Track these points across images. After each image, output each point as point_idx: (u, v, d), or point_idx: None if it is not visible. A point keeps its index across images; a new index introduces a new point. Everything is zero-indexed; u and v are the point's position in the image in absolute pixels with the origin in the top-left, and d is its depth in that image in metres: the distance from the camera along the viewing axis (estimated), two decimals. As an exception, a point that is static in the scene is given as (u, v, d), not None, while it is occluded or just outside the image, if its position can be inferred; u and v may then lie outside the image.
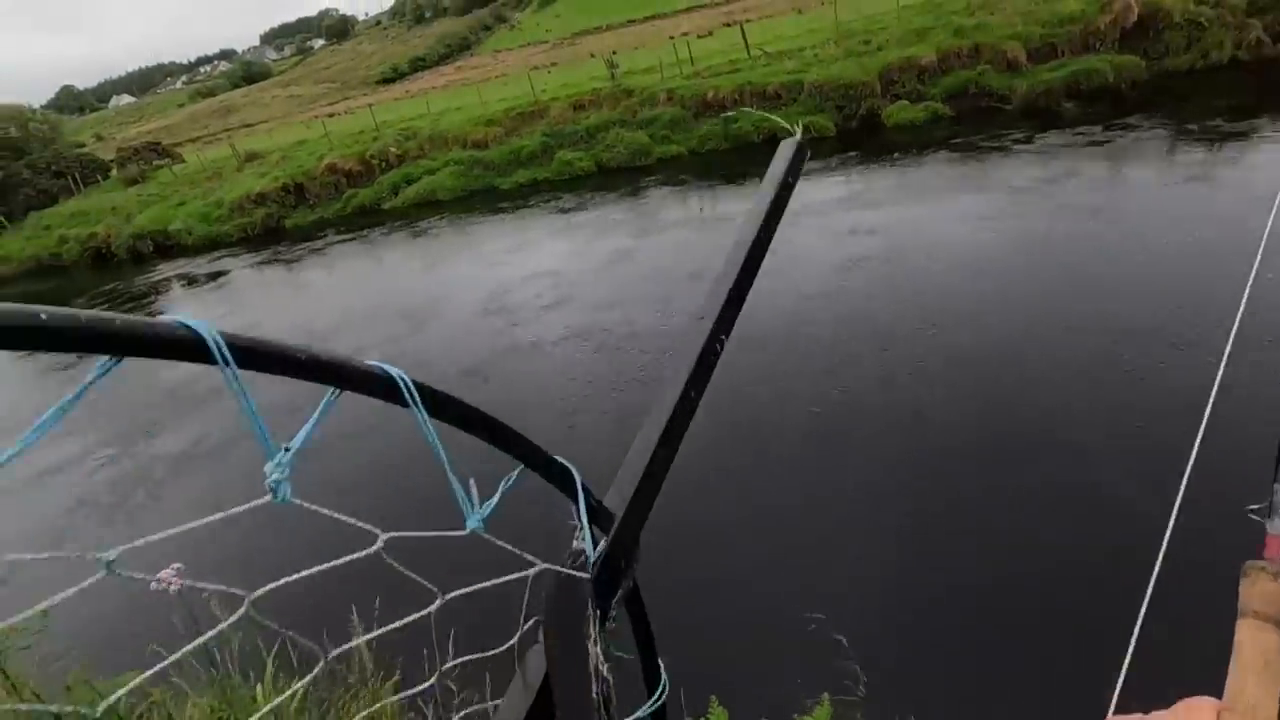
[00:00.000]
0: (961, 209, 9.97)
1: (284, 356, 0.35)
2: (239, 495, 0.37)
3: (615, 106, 19.50)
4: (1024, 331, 6.31)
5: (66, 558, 0.33)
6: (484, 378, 7.87)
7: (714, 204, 13.39)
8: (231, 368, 0.33)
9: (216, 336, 0.32)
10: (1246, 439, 2.40)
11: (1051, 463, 4.63)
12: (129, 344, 0.30)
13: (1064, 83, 14.71)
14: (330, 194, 21.29)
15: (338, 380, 0.39)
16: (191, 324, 0.32)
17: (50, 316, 0.27)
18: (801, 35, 22.04)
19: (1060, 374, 5.55)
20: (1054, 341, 6.02)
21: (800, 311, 7.63)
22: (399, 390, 0.42)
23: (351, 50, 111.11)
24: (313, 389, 0.39)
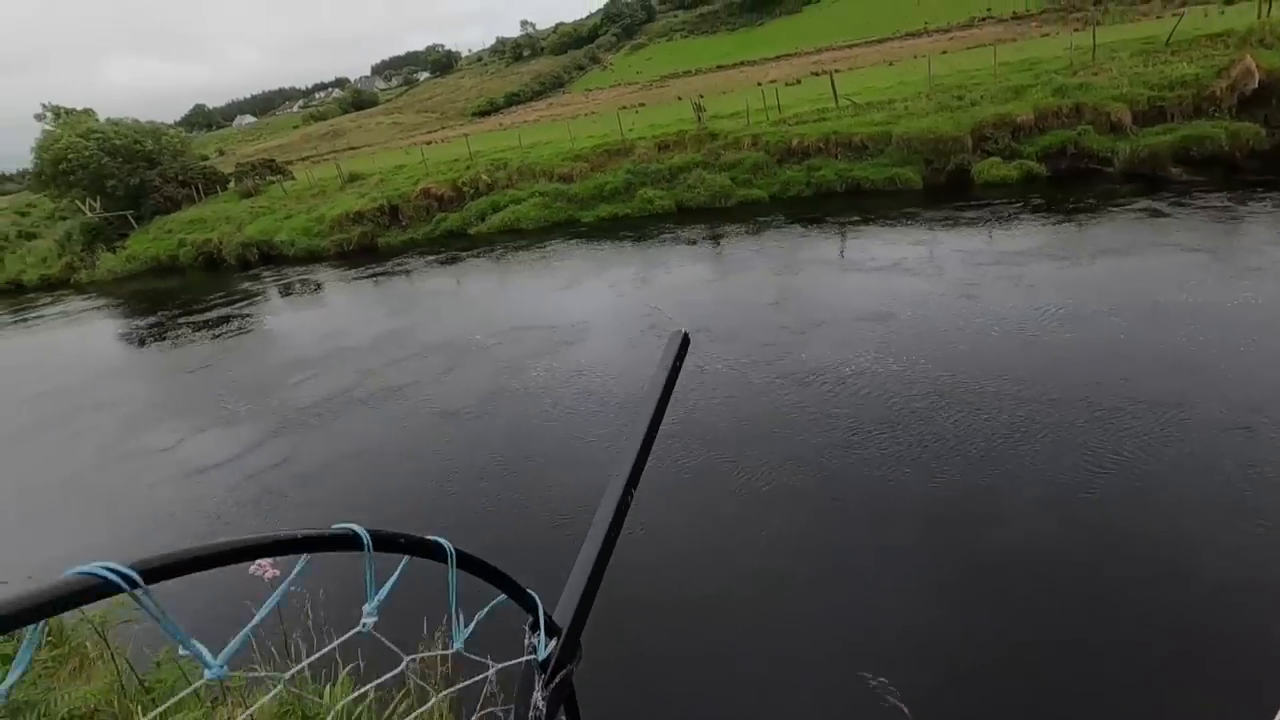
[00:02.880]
0: (1053, 273, 9.59)
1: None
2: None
3: (699, 149, 19.85)
4: (1100, 411, 5.97)
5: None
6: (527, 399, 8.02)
7: (792, 247, 13.34)
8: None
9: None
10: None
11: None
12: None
13: (1172, 147, 14.05)
14: (422, 217, 22.40)
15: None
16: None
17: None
18: (892, 87, 21.94)
19: (1166, 454, 5.21)
20: (1146, 422, 5.67)
21: (874, 373, 7.47)
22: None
23: (453, 83, 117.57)
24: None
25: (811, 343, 8.43)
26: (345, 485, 6.95)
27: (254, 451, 8.08)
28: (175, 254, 26.24)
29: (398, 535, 0.50)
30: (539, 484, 6.31)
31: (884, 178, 16.45)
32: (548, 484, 6.28)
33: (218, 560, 0.38)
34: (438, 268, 17.63)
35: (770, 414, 6.87)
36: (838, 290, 10.45)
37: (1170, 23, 20.69)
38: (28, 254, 32.74)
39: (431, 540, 0.51)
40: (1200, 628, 3.73)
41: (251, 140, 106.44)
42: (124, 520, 7.10)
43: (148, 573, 0.34)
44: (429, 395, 8.84)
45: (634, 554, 4.97)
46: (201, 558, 0.37)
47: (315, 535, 0.44)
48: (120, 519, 7.14)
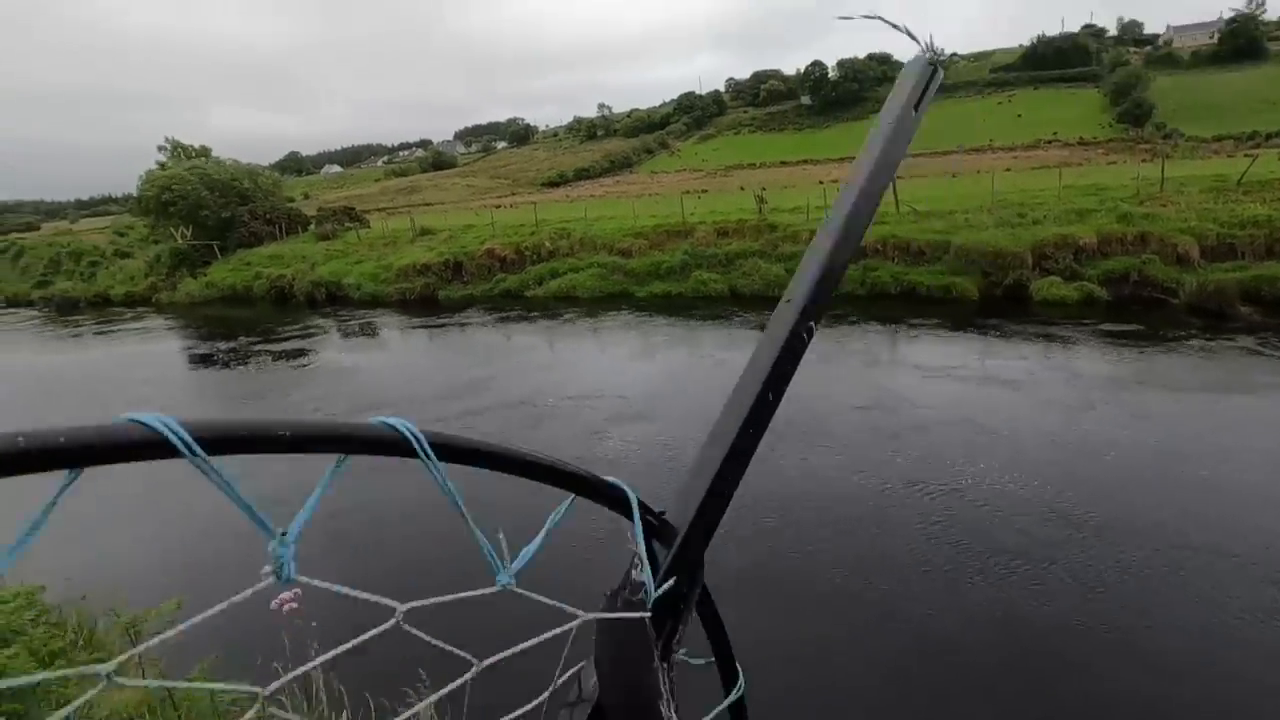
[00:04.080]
0: (1107, 402, 9.36)
1: (258, 437, 0.34)
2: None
3: (758, 238, 20.35)
4: (1126, 559, 5.70)
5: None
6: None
7: (843, 343, 13.37)
8: (201, 457, 0.32)
9: (181, 432, 0.31)
10: None
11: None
12: (93, 454, 0.29)
13: (1242, 286, 13.79)
14: (483, 275, 23.30)
15: (340, 446, 0.37)
16: (147, 420, 0.30)
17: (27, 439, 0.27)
18: (953, 199, 22.29)
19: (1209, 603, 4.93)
20: (1191, 569, 5.39)
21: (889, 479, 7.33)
22: (408, 443, 0.39)
23: (527, 154, 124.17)
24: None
25: (853, 443, 8.34)
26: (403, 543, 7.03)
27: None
28: (250, 285, 27.75)
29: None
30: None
31: (940, 285, 16.51)
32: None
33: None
34: (496, 325, 18.19)
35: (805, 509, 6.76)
36: (885, 392, 10.37)
37: (1243, 163, 20.68)
38: (118, 271, 35.12)
39: (377, 427, 0.39)
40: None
41: (335, 188, 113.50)
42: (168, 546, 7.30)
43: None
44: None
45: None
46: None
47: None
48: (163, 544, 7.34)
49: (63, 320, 27.90)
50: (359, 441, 0.37)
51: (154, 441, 0.31)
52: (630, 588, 0.53)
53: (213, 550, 6.79)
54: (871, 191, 0.58)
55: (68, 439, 0.29)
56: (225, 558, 6.55)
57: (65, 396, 14.23)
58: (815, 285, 0.58)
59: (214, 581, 5.88)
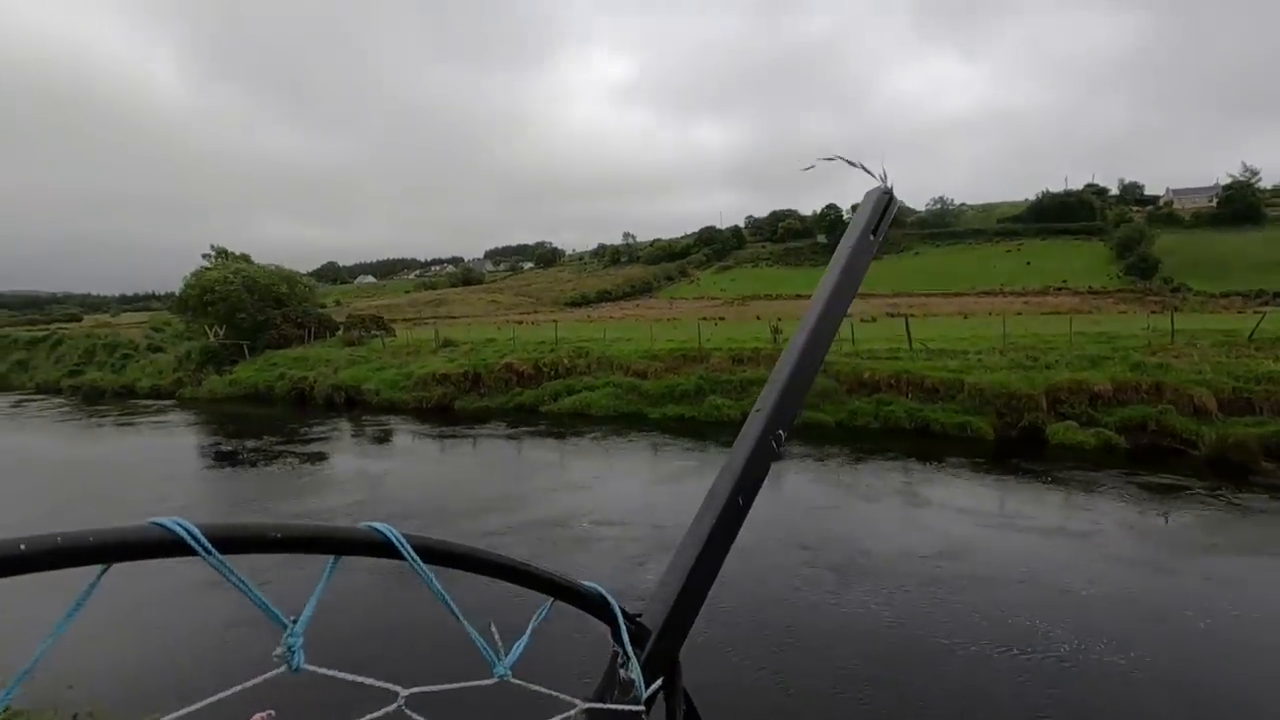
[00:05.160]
0: (1123, 553, 9.05)
1: (263, 538, 0.37)
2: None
3: (772, 366, 20.64)
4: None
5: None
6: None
7: (851, 473, 13.20)
8: (215, 555, 0.35)
9: (195, 531, 0.34)
10: None
11: None
12: (116, 551, 0.32)
13: (1262, 441, 13.62)
14: (501, 388, 23.68)
15: (327, 548, 0.41)
16: (167, 523, 0.33)
17: (29, 544, 0.30)
18: (966, 339, 22.73)
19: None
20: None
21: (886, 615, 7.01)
22: (393, 547, 0.42)
23: (552, 275, 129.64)
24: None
25: (850, 580, 8.05)
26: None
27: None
28: (272, 385, 28.34)
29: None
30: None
31: (954, 423, 16.48)
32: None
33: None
34: (510, 439, 18.25)
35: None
36: (893, 531, 10.11)
37: (1252, 319, 21.08)
38: (148, 364, 36.13)
39: (364, 531, 0.43)
40: None
41: (367, 297, 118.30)
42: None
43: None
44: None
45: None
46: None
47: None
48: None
49: (87, 409, 28.42)
50: (349, 544, 0.41)
51: (173, 542, 0.34)
52: (620, 687, 0.54)
53: (197, 653, 6.53)
54: (834, 311, 0.63)
55: (96, 540, 0.32)
56: (205, 663, 6.29)
57: (83, 487, 14.26)
58: (781, 396, 0.61)
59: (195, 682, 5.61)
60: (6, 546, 0.30)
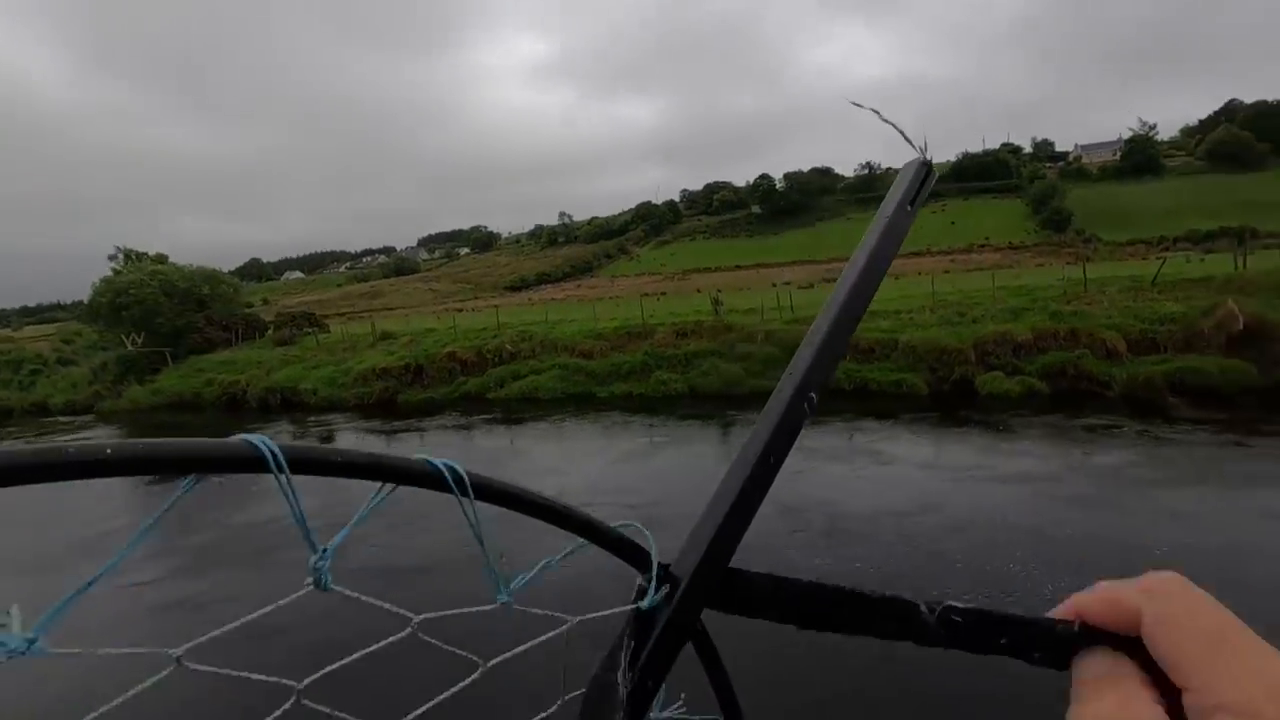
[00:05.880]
0: (1075, 491, 9.67)
1: (327, 461, 0.40)
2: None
3: (715, 339, 20.97)
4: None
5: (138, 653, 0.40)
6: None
7: (807, 436, 13.55)
8: (285, 474, 0.38)
9: (276, 451, 0.38)
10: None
11: None
12: (201, 463, 0.36)
13: (1168, 377, 14.69)
14: (444, 378, 23.25)
15: (387, 476, 0.44)
16: (253, 440, 0.38)
17: (117, 449, 0.33)
18: (897, 300, 23.53)
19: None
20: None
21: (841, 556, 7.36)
22: (444, 480, 0.45)
23: (490, 260, 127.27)
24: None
25: (834, 539, 8.37)
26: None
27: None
28: (200, 392, 27.04)
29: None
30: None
31: (891, 381, 17.13)
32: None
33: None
34: (459, 429, 18.00)
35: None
36: (863, 489, 10.50)
37: (1155, 265, 22.56)
38: (60, 379, 33.87)
39: (422, 462, 0.46)
40: None
41: (296, 293, 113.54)
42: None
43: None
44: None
45: None
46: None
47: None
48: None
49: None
50: (404, 474, 0.44)
51: (254, 458, 0.37)
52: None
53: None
54: (869, 278, 0.66)
55: (194, 447, 0.37)
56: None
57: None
58: (815, 359, 0.62)
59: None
60: (93, 450, 0.33)
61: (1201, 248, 46.04)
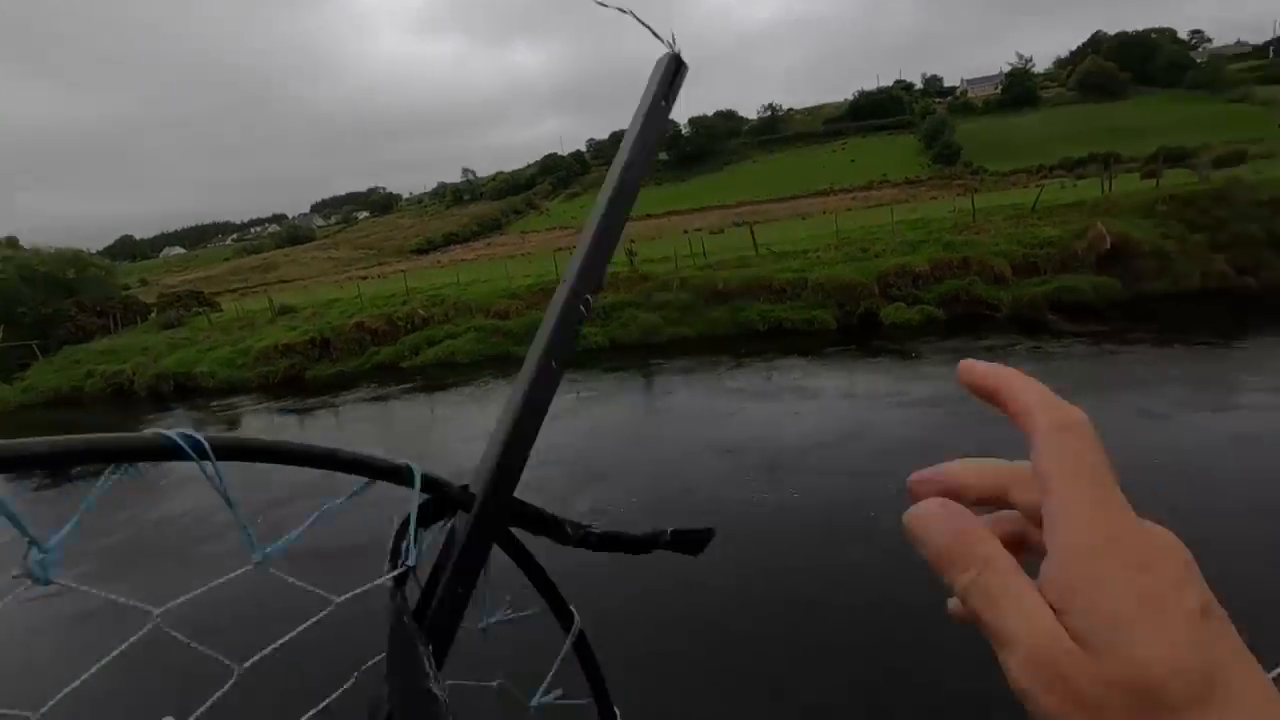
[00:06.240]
0: (937, 402, 10.41)
1: (36, 454, 0.35)
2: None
3: (632, 289, 20.99)
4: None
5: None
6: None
7: (731, 378, 13.97)
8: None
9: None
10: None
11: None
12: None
13: (1047, 296, 15.92)
14: (354, 349, 22.27)
15: (112, 456, 0.38)
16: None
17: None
18: (805, 239, 24.22)
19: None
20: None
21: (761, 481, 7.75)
22: (180, 450, 0.40)
23: (391, 222, 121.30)
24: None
25: (776, 475, 8.69)
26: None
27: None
28: (80, 385, 24.80)
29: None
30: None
31: (802, 319, 17.74)
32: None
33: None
34: (374, 401, 17.37)
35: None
36: (794, 425, 10.90)
37: (1034, 192, 24.10)
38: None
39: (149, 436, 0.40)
40: None
41: (178, 271, 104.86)
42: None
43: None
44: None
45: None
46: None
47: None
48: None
49: None
50: (132, 451, 0.38)
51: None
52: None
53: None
54: (631, 176, 0.67)
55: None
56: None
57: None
58: (585, 261, 0.63)
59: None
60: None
61: (1074, 174, 49.52)
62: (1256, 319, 13.76)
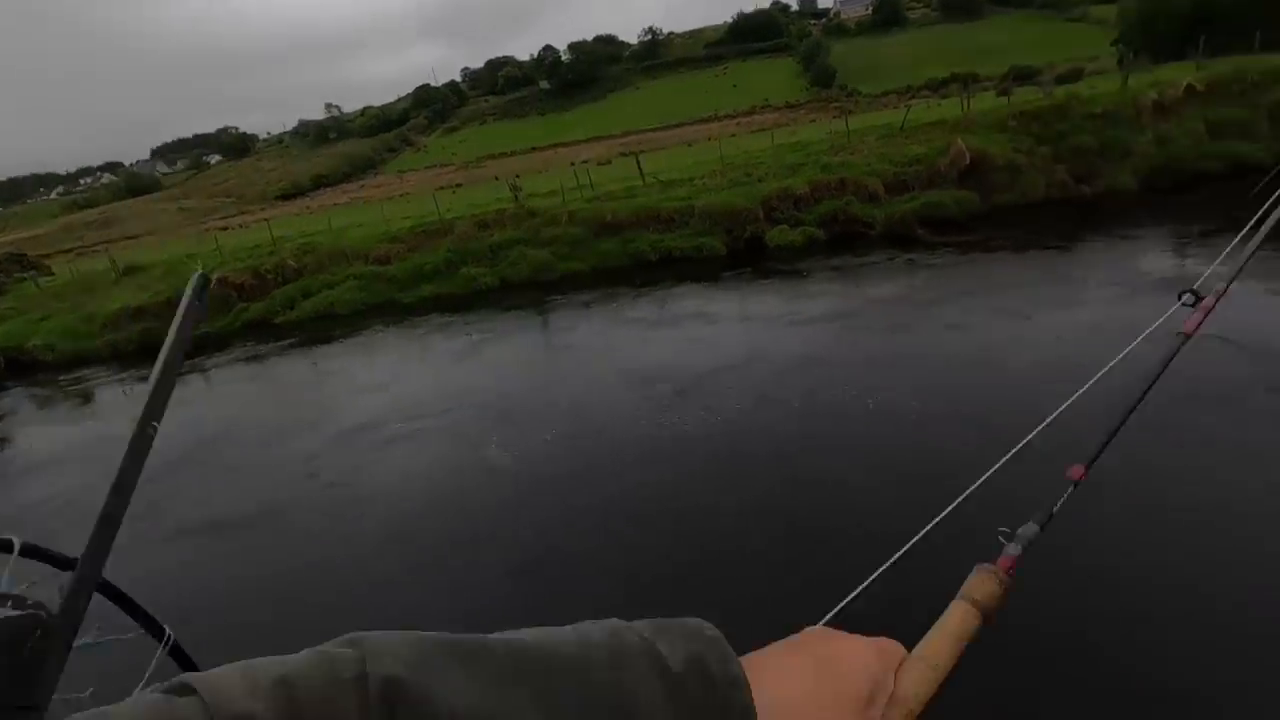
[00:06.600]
0: (876, 322, 11.00)
1: None
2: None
3: (520, 226, 20.34)
4: (837, 413, 6.93)
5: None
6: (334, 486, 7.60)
7: (631, 308, 13.98)
8: None
9: None
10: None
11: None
12: None
13: (916, 212, 16.85)
14: (219, 308, 20.44)
15: None
16: None
17: None
18: (690, 167, 24.19)
19: (860, 436, 6.09)
20: (861, 419, 6.64)
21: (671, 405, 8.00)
22: None
23: (250, 166, 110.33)
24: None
25: (688, 402, 8.84)
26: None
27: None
28: (-117, 372, 21.41)
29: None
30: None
31: (692, 246, 17.92)
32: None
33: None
34: (247, 362, 16.13)
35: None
36: (702, 352, 11.06)
37: (902, 112, 25.10)
38: None
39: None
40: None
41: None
42: None
43: None
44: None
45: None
46: None
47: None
48: None
49: None
50: None
51: None
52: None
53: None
54: (174, 355, 0.86)
55: None
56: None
57: None
58: (155, 386, 0.80)
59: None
60: None
61: (939, 94, 51.98)
62: (1092, 223, 15.22)
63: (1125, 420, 0.83)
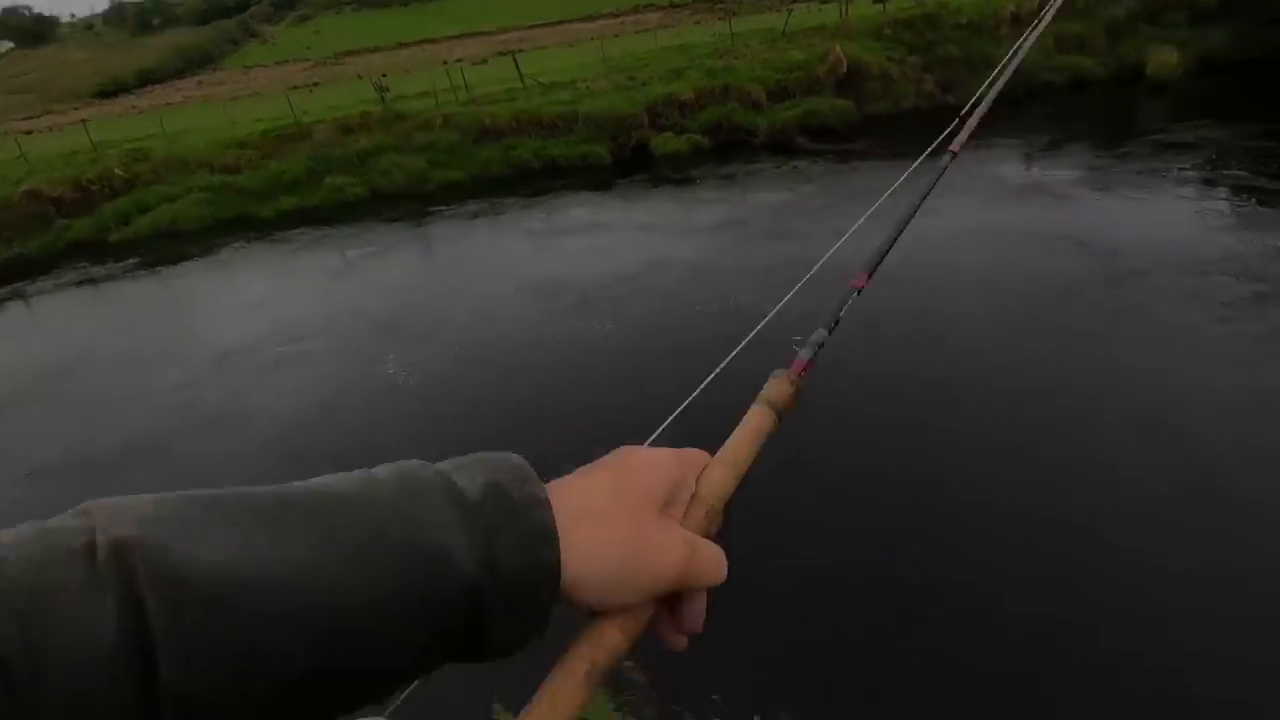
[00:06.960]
0: (742, 226, 11.17)
1: None
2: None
3: (388, 131, 18.78)
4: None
5: None
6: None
7: (504, 225, 13.47)
8: None
9: None
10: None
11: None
12: None
13: (797, 121, 17.07)
14: (35, 226, 17.74)
15: None
16: None
17: None
18: (573, 68, 23.04)
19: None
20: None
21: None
22: None
23: (56, 56, 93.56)
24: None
25: (591, 308, 8.71)
26: None
27: None
28: None
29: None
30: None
31: (576, 154, 17.34)
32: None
33: None
34: (76, 287, 14.27)
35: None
36: (590, 264, 10.84)
37: (785, 17, 24.88)
38: None
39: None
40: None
41: None
42: None
43: None
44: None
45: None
46: None
47: None
48: None
49: None
50: None
51: None
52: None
53: None
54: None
55: None
56: None
57: None
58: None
59: None
60: None
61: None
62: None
63: (901, 231, 0.90)
